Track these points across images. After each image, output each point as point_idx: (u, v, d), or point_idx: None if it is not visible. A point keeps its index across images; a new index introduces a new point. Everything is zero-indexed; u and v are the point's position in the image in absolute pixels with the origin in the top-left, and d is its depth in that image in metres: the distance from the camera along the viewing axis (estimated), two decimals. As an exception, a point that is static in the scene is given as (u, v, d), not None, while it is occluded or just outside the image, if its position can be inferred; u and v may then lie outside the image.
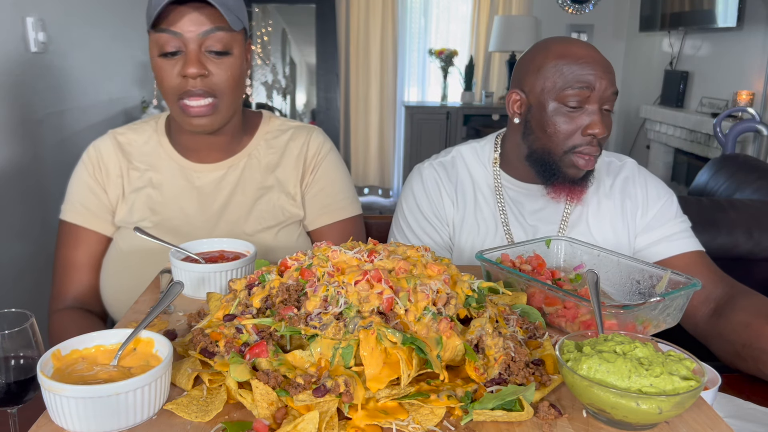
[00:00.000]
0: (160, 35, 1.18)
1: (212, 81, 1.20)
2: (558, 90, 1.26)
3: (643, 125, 4.92)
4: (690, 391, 0.65)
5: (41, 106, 2.40)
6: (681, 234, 1.35)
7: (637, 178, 1.39)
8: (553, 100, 1.27)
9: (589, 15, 5.46)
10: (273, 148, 1.40)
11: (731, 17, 3.65)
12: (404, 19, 5.66)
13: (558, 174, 1.29)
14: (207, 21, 1.17)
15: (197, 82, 1.18)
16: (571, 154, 1.27)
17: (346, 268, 0.80)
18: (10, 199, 2.18)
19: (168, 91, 1.21)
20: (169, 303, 0.85)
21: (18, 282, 2.22)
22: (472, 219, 1.38)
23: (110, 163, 1.36)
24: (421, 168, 1.45)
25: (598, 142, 1.26)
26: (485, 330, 0.78)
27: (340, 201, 1.42)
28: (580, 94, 1.24)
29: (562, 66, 1.26)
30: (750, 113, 3.25)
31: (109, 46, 3.10)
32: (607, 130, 1.26)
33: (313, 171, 1.40)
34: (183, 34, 1.17)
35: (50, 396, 0.65)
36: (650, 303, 0.88)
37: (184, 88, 1.19)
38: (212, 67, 1.19)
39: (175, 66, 1.19)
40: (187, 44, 1.17)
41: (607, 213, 1.36)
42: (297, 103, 6.73)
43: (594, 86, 1.24)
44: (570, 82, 1.25)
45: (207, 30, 1.17)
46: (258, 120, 1.43)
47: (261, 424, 0.65)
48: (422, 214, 1.40)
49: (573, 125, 1.26)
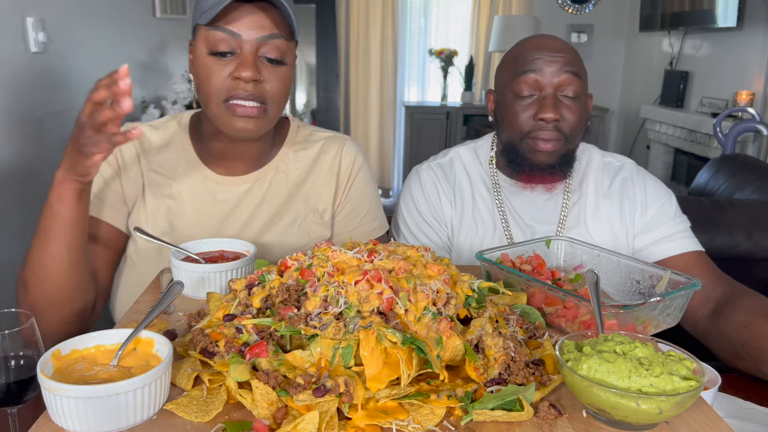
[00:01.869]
0: (215, 32, 1.09)
1: (264, 88, 1.12)
2: (511, 80, 1.29)
3: (643, 125, 4.92)
4: (690, 391, 0.65)
5: (41, 106, 2.40)
6: (680, 234, 1.35)
7: (636, 178, 1.39)
8: (510, 92, 1.30)
9: (589, 15, 5.46)
10: (302, 162, 1.30)
11: (731, 17, 3.65)
12: (404, 19, 5.66)
13: (524, 162, 1.31)
14: (268, 26, 1.10)
15: (249, 86, 1.10)
16: (528, 138, 1.29)
17: (346, 268, 0.80)
18: (10, 199, 2.18)
19: (213, 92, 1.11)
20: (169, 303, 0.85)
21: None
22: (470, 219, 1.38)
23: (127, 155, 1.24)
24: (419, 170, 1.45)
25: (557, 128, 1.27)
26: (485, 330, 0.78)
27: (369, 223, 1.35)
28: (528, 80, 1.27)
29: (517, 57, 1.30)
30: (750, 113, 3.25)
31: (109, 46, 3.09)
32: (563, 116, 1.26)
33: (346, 189, 1.32)
34: (241, 36, 1.09)
35: (50, 396, 0.65)
36: (650, 303, 0.88)
37: (233, 90, 1.10)
38: (266, 73, 1.12)
39: (226, 66, 1.10)
40: (243, 46, 1.09)
41: (605, 213, 1.36)
42: (297, 103, 6.72)
43: (542, 70, 1.25)
44: (519, 69, 1.28)
45: (267, 35, 1.10)
46: (286, 128, 1.34)
47: (261, 424, 0.65)
48: (421, 216, 1.41)
49: (526, 112, 1.28)
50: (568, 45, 1.31)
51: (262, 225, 1.26)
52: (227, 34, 1.09)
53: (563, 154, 1.31)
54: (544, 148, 1.27)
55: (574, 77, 1.26)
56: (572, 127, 1.28)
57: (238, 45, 1.09)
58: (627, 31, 5.41)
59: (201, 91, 1.14)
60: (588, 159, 1.43)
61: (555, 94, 1.26)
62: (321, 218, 1.30)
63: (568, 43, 1.32)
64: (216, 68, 1.10)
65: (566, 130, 1.28)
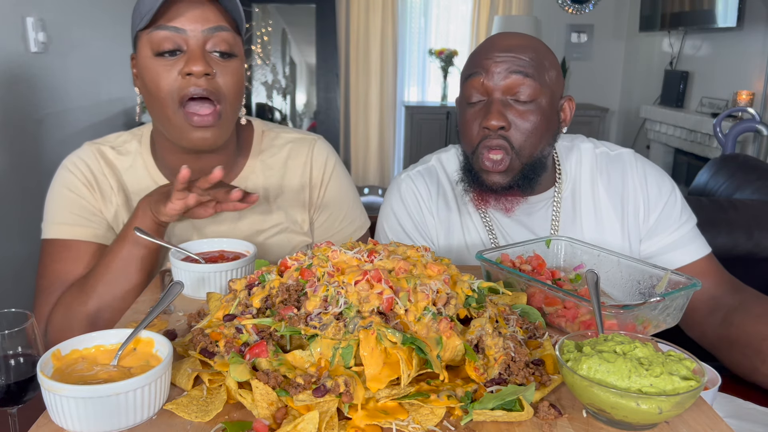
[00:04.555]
0: (157, 32, 1.05)
1: (217, 83, 1.07)
2: (462, 85, 1.19)
3: (643, 125, 4.92)
4: (690, 391, 0.65)
5: (41, 106, 2.40)
6: (687, 237, 1.27)
7: (636, 171, 1.28)
8: (461, 99, 1.20)
9: (589, 15, 5.46)
10: (271, 170, 1.25)
11: (731, 17, 3.65)
12: (404, 19, 5.66)
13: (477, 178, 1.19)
14: (213, 18, 1.07)
15: (201, 81, 1.05)
16: (477, 150, 1.16)
17: (346, 268, 0.80)
18: (10, 199, 2.18)
19: (166, 96, 1.06)
20: (169, 303, 0.85)
21: (18, 282, 2.22)
22: (458, 227, 1.31)
23: (101, 177, 1.20)
24: (399, 181, 1.36)
25: (505, 138, 1.14)
26: (485, 330, 0.78)
27: (348, 225, 1.34)
28: (475, 83, 1.14)
29: (469, 59, 1.19)
30: (750, 113, 3.25)
31: (109, 46, 3.10)
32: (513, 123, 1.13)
33: (320, 195, 1.29)
34: (186, 31, 1.05)
35: (50, 396, 0.65)
36: (650, 303, 0.88)
37: (185, 89, 1.05)
38: (217, 68, 1.07)
39: (174, 66, 1.05)
40: (189, 41, 1.05)
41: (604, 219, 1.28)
42: (297, 103, 6.72)
43: (488, 71, 1.13)
44: (467, 73, 1.17)
45: (212, 27, 1.06)
46: (249, 135, 1.27)
47: (261, 424, 0.65)
48: (404, 231, 1.32)
49: (474, 120, 1.16)
50: (526, 41, 1.16)
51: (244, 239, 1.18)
52: (171, 31, 1.05)
53: (519, 170, 1.17)
54: (488, 158, 1.15)
55: (525, 77, 1.12)
56: (524, 135, 1.14)
57: (183, 41, 1.06)
58: (627, 31, 5.42)
59: (152, 101, 1.09)
60: (578, 159, 1.31)
61: (504, 98, 1.14)
62: (301, 228, 1.28)
63: (530, 39, 1.17)
64: (163, 69, 1.06)
65: (516, 140, 1.14)
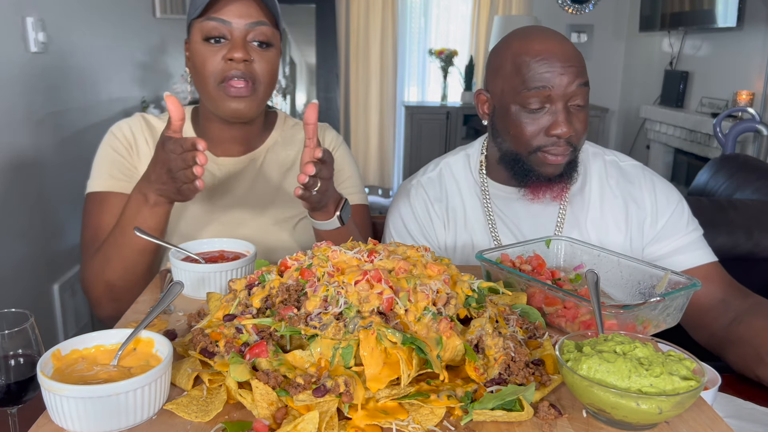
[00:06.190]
0: (207, 22, 1.23)
1: (254, 68, 1.25)
2: (517, 92, 1.20)
3: (643, 125, 4.92)
4: (690, 391, 0.65)
5: (41, 106, 2.40)
6: (693, 245, 1.29)
7: (644, 182, 1.33)
8: (514, 103, 1.21)
9: (589, 15, 5.46)
10: (290, 145, 1.46)
11: (731, 17, 3.65)
12: (404, 19, 5.66)
13: (531, 174, 1.24)
14: (255, 14, 1.24)
15: (241, 66, 1.23)
16: (539, 152, 1.21)
17: (346, 268, 0.80)
18: (10, 199, 2.18)
19: (209, 76, 1.25)
20: (169, 303, 0.85)
21: (18, 282, 2.22)
22: (464, 233, 1.34)
23: (140, 141, 1.37)
24: (408, 187, 1.40)
25: (568, 141, 1.20)
26: (485, 330, 0.78)
27: (349, 188, 1.46)
28: (540, 95, 1.17)
29: (520, 65, 1.20)
30: (750, 113, 3.26)
31: (109, 46, 3.09)
32: (575, 128, 1.19)
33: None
34: (231, 23, 1.23)
35: (50, 396, 0.65)
36: (650, 303, 0.88)
37: (227, 71, 1.23)
38: (255, 55, 1.25)
39: (219, 51, 1.24)
40: (233, 32, 1.23)
41: (610, 219, 1.30)
42: (297, 102, 6.72)
43: (553, 84, 1.17)
44: (528, 83, 1.18)
45: (254, 22, 1.24)
46: (274, 118, 1.51)
47: (261, 424, 0.65)
48: (411, 236, 1.36)
49: (536, 126, 1.20)
50: (574, 47, 1.22)
51: (260, 196, 1.38)
52: (218, 22, 1.23)
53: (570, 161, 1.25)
54: (554, 161, 1.21)
55: (585, 87, 1.19)
56: (581, 135, 1.23)
57: (228, 31, 1.24)
58: (627, 31, 5.41)
59: (198, 78, 1.28)
60: (586, 160, 1.35)
61: (566, 106, 1.19)
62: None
63: (571, 43, 1.23)
64: (210, 54, 1.24)
65: (576, 141, 1.22)
